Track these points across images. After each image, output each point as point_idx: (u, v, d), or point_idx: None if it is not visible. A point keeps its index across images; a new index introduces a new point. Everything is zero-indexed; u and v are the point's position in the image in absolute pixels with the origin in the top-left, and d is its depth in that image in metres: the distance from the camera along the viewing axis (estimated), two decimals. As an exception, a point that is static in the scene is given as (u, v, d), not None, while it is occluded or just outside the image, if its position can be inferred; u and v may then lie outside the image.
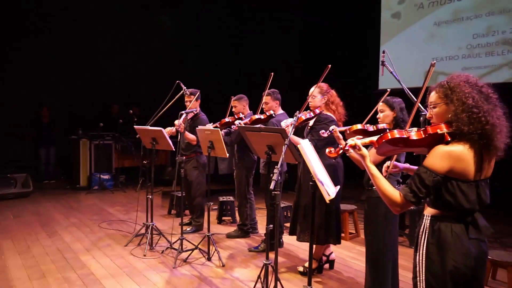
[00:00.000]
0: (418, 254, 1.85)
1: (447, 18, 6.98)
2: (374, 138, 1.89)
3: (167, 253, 4.38)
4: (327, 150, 2.07)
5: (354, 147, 1.90)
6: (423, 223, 1.85)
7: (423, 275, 1.81)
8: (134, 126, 4.77)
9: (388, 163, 2.31)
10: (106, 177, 8.05)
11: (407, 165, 2.34)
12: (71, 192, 7.71)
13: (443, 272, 1.75)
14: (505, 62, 6.29)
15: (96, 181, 7.95)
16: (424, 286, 1.81)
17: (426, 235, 1.82)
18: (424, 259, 1.81)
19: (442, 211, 1.80)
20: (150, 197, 4.62)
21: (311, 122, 3.81)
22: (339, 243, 3.85)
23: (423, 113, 2.86)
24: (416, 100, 2.45)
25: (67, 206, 6.62)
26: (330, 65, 3.46)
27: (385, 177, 1.93)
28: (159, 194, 7.45)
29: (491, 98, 1.77)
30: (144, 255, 4.31)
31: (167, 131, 4.61)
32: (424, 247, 1.82)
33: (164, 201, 6.94)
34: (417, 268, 1.84)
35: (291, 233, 4.03)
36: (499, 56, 6.35)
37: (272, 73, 4.38)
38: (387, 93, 3.04)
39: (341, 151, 1.97)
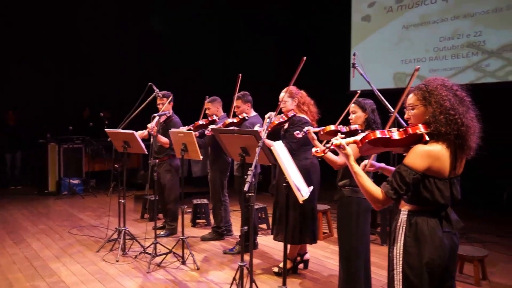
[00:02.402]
0: (395, 247, 1.91)
1: (415, 21, 7.19)
2: (358, 138, 1.94)
3: (140, 258, 4.31)
4: (313, 149, 2.10)
5: (339, 146, 1.94)
6: (400, 218, 1.93)
7: (400, 267, 1.88)
8: (105, 129, 4.67)
9: (365, 161, 2.37)
10: (76, 181, 7.85)
11: (382, 164, 2.41)
12: (39, 198, 7.47)
13: (420, 264, 1.83)
14: (469, 64, 6.54)
15: (65, 186, 7.74)
16: (401, 278, 1.87)
17: (404, 229, 1.89)
18: (401, 252, 1.88)
19: (418, 206, 1.88)
20: (122, 201, 4.53)
21: (286, 125, 3.84)
22: (315, 242, 3.90)
23: (391, 114, 2.92)
24: (393, 111, 2.51)
25: (35, 212, 6.41)
26: (305, 57, 3.51)
27: None
28: (132, 198, 7.32)
29: (465, 101, 1.87)
30: (117, 261, 4.22)
31: (139, 134, 4.55)
32: (402, 241, 1.88)
33: (137, 205, 6.82)
34: (395, 261, 1.90)
35: (273, 233, 4.05)
36: (464, 59, 6.59)
37: (240, 74, 4.42)
38: (357, 94, 3.11)
39: (326, 150, 2.02)
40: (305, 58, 3.62)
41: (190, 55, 9.70)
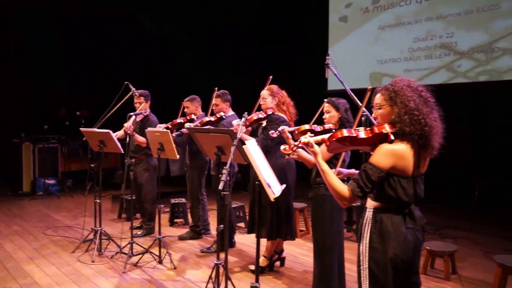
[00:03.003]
0: (362, 244, 1.97)
1: (390, 22, 7.33)
2: (326, 136, 1.99)
3: (116, 258, 4.28)
4: (282, 147, 2.15)
5: (307, 144, 1.98)
6: (366, 215, 1.98)
7: (367, 263, 1.93)
8: (80, 128, 4.62)
9: (333, 170, 2.43)
10: (52, 181, 7.71)
11: (352, 170, 2.48)
12: (13, 199, 7.30)
13: (384, 260, 1.88)
14: (442, 65, 6.70)
15: (40, 186, 7.59)
16: (367, 273, 1.93)
17: (369, 226, 1.95)
18: (367, 248, 1.93)
19: (383, 204, 1.93)
20: (98, 201, 4.49)
21: (264, 123, 3.88)
22: (293, 239, 3.95)
23: (364, 113, 2.99)
24: (360, 105, 2.62)
25: (9, 213, 6.27)
26: (271, 76, 3.65)
27: None
28: (109, 198, 7.24)
29: (429, 101, 1.93)
30: (93, 261, 4.18)
31: (115, 135, 4.52)
32: (368, 237, 1.94)
33: (114, 205, 6.75)
34: (361, 257, 1.96)
35: (250, 231, 4.09)
36: (437, 59, 6.76)
37: (216, 88, 4.55)
38: (324, 103, 3.19)
39: (295, 147, 2.05)
40: (271, 77, 3.77)
41: (173, 56, 9.64)
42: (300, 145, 2.00)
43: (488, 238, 5.01)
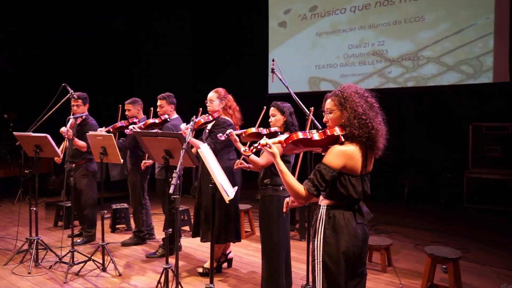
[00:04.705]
0: (316, 239, 2.09)
1: (327, 29, 7.68)
2: (282, 138, 2.10)
3: (56, 268, 4.07)
4: (242, 149, 2.21)
5: (265, 145, 2.06)
6: (320, 212, 2.11)
7: (321, 257, 2.05)
8: (14, 132, 4.34)
9: (287, 199, 2.61)
10: (-25, 190, 7.13)
11: None
12: None
13: (337, 253, 2.01)
14: (374, 71, 7.16)
15: (-38, 195, 6.98)
16: (321, 267, 2.05)
17: (323, 222, 2.07)
18: (321, 243, 2.05)
19: (335, 201, 2.07)
20: (34, 209, 4.24)
21: (209, 126, 3.91)
22: (239, 240, 4.02)
23: (307, 116, 3.15)
24: (306, 109, 2.76)
25: None
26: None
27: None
28: (43, 205, 6.83)
29: (374, 106, 2.11)
30: (29, 273, 3.94)
31: (61, 149, 4.32)
32: (322, 233, 2.06)
33: (49, 213, 6.39)
34: (316, 252, 2.08)
35: (194, 235, 4.07)
36: (370, 65, 7.20)
37: (152, 108, 4.40)
38: (264, 110, 3.34)
39: (254, 149, 2.14)
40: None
41: (108, 55, 9.30)
42: (259, 147, 2.08)
43: (417, 231, 5.43)
